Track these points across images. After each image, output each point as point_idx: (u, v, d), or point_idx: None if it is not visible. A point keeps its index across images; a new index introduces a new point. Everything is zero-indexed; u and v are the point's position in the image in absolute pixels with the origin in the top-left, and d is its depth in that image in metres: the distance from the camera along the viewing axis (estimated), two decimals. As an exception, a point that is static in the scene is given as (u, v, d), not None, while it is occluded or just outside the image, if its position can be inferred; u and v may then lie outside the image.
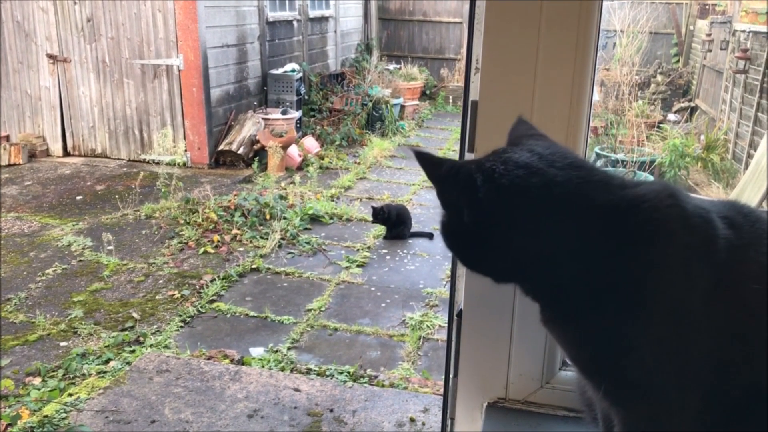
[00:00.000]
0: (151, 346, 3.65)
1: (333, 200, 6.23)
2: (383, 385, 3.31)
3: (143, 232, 5.33)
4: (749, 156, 6.10)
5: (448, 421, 1.09)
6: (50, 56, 7.29)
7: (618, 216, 0.75)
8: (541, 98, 0.93)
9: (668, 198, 0.76)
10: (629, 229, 0.74)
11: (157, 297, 4.27)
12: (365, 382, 3.34)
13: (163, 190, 5.83)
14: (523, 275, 0.80)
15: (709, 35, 8.57)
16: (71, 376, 3.32)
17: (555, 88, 0.92)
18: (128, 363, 3.44)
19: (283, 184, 6.56)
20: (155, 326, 3.89)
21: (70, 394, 3.13)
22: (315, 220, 5.71)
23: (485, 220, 0.76)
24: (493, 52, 0.92)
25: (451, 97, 11.40)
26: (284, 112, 7.78)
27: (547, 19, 0.91)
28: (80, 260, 4.76)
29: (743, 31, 7.05)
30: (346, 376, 3.38)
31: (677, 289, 0.74)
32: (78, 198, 6.12)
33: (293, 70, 8.33)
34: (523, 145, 0.80)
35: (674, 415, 0.77)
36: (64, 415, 2.95)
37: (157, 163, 6.98)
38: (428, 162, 0.79)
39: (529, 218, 0.75)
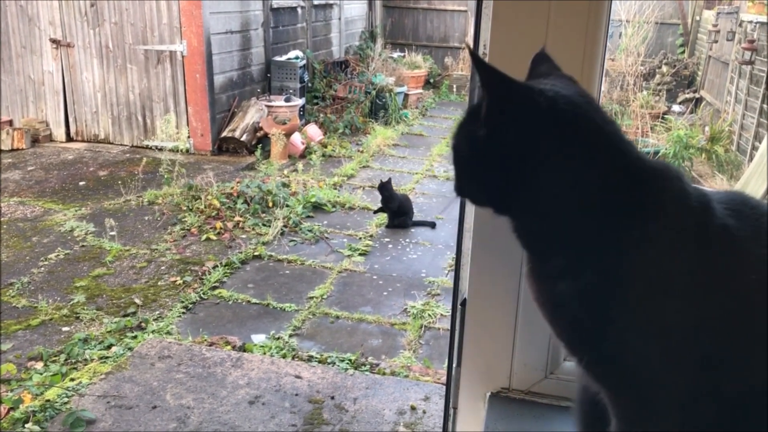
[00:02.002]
0: (153, 332, 3.65)
1: (335, 188, 6.22)
2: (384, 373, 3.31)
3: (146, 218, 5.33)
4: (754, 148, 6.07)
5: (451, 411, 1.09)
6: (53, 41, 7.27)
7: (631, 183, 0.75)
8: (549, 85, 0.92)
9: (677, 180, 0.77)
10: (636, 198, 0.75)
11: (159, 283, 4.27)
12: (366, 370, 3.34)
13: (165, 176, 5.82)
14: (527, 208, 0.79)
15: (715, 26, 8.51)
16: (73, 361, 3.33)
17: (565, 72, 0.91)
18: (130, 348, 3.45)
19: (285, 172, 6.55)
20: (157, 312, 3.89)
21: (72, 379, 3.14)
22: (317, 208, 5.71)
23: (523, 142, 0.75)
24: (501, 39, 0.91)
25: (455, 85, 11.35)
26: (287, 100, 7.75)
27: (557, 5, 0.89)
28: (83, 245, 4.77)
29: (750, 22, 7.00)
30: (348, 363, 3.38)
31: (664, 268, 0.74)
32: (81, 183, 6.11)
33: (297, 57, 8.30)
34: (559, 82, 0.79)
35: (661, 404, 0.75)
36: (65, 399, 2.96)
37: (160, 149, 6.97)
38: (490, 68, 0.75)
39: (561, 151, 0.75)
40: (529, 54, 0.84)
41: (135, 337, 3.59)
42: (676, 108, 8.70)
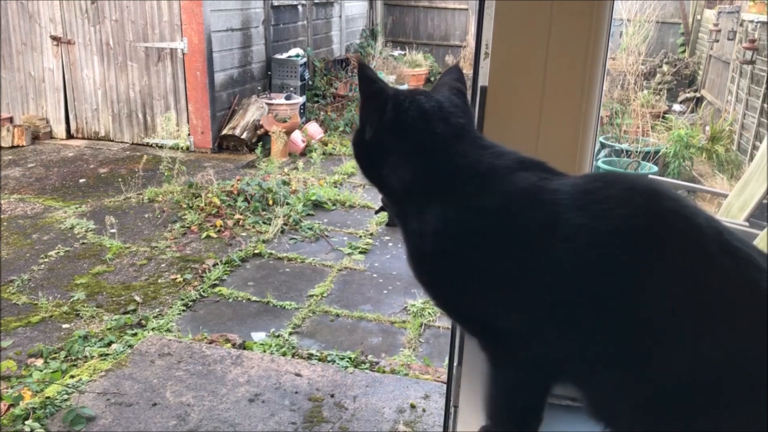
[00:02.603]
0: (153, 329, 3.65)
1: (336, 186, 6.22)
2: (384, 372, 3.32)
3: (146, 215, 5.33)
4: (754, 147, 6.07)
5: (452, 409, 1.09)
6: (54, 38, 7.26)
7: (471, 175, 0.89)
8: (552, 84, 0.92)
9: (518, 175, 0.88)
10: (471, 187, 0.88)
11: (159, 281, 4.27)
12: (366, 368, 3.34)
13: (166, 173, 5.82)
14: (389, 181, 0.96)
15: (716, 25, 8.51)
16: (73, 358, 3.33)
17: (567, 74, 0.91)
18: (130, 346, 3.45)
19: (286, 170, 6.55)
20: (157, 310, 3.90)
21: (72, 376, 3.14)
22: (318, 206, 5.71)
23: (380, 138, 0.94)
24: (503, 37, 0.91)
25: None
26: (288, 98, 7.75)
27: (559, 5, 0.89)
28: (83, 243, 4.77)
29: (751, 21, 6.99)
30: (348, 361, 3.39)
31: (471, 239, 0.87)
32: (81, 181, 6.12)
33: (297, 55, 8.29)
34: (438, 94, 0.96)
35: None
36: (65, 396, 2.96)
37: (161, 147, 6.97)
38: (367, 77, 0.96)
39: (397, 148, 0.93)
40: (532, 54, 0.84)
41: (135, 334, 3.60)
42: (676, 107, 8.70)
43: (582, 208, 0.82)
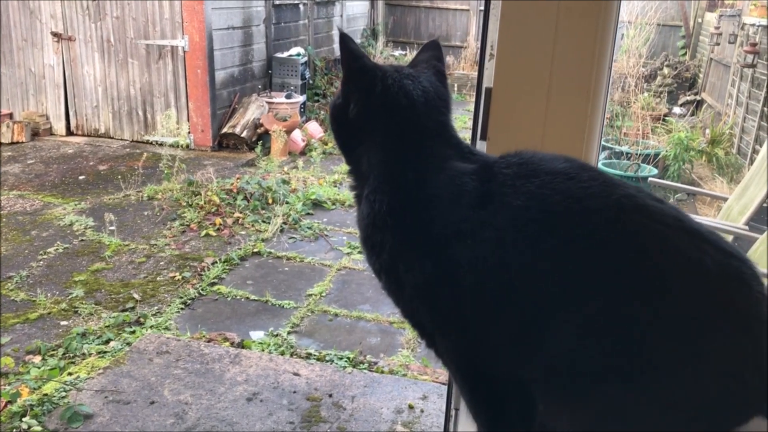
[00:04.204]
0: (151, 327, 3.65)
1: (336, 186, 6.21)
2: (383, 372, 3.31)
3: (145, 213, 5.32)
4: (755, 151, 6.07)
5: (453, 412, 1.09)
6: (55, 34, 7.25)
7: (432, 170, 0.92)
8: (558, 86, 0.91)
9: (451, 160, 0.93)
10: (425, 181, 0.91)
11: (158, 278, 4.26)
12: (365, 368, 3.34)
13: (165, 171, 5.81)
14: (360, 161, 0.99)
15: (717, 28, 8.50)
16: (71, 355, 3.32)
17: (573, 76, 0.91)
18: (128, 344, 3.44)
19: (285, 169, 6.54)
20: (156, 307, 3.89)
21: (70, 374, 3.13)
22: (317, 205, 5.70)
23: (365, 119, 0.96)
24: (509, 38, 0.91)
25: (456, 84, 11.33)
26: (288, 96, 7.74)
27: (566, 4, 0.89)
28: (82, 240, 4.76)
29: (752, 25, 6.99)
30: (346, 361, 3.38)
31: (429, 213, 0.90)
32: (81, 178, 6.11)
33: (298, 54, 8.29)
34: (421, 74, 0.98)
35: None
36: (63, 393, 2.95)
37: (161, 145, 6.96)
38: (352, 50, 0.96)
39: (381, 127, 0.95)
40: (538, 55, 0.84)
41: (133, 332, 3.59)
42: (677, 110, 8.70)
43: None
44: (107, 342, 3.47)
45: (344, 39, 0.96)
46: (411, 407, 3.01)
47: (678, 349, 0.78)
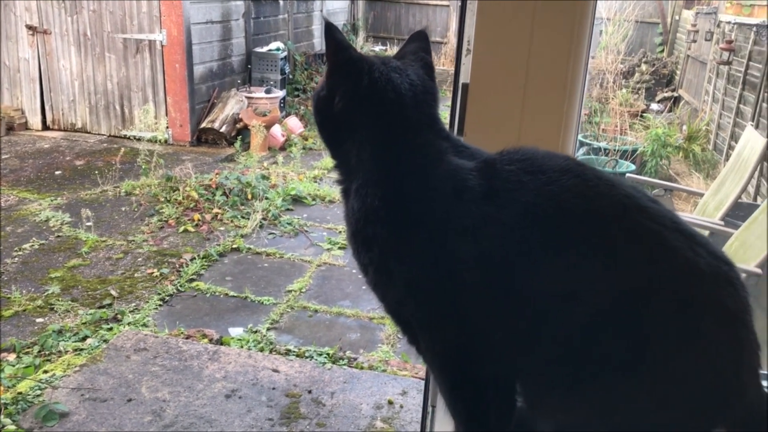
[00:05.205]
0: (129, 324, 3.61)
1: (316, 181, 6.19)
2: (362, 368, 3.31)
3: (123, 208, 5.27)
4: (730, 147, 6.15)
5: (429, 409, 1.09)
6: (30, 27, 7.14)
7: (418, 156, 0.90)
8: (534, 81, 0.91)
9: (445, 157, 0.91)
10: (412, 166, 0.90)
11: (135, 275, 4.22)
12: (344, 364, 3.33)
13: (143, 166, 5.76)
14: (348, 155, 0.96)
15: (694, 25, 8.59)
16: (47, 352, 3.28)
17: (550, 72, 0.91)
18: (105, 341, 3.41)
19: (265, 164, 6.51)
20: (133, 304, 3.85)
21: (46, 371, 3.09)
22: (297, 200, 5.68)
23: (350, 113, 0.93)
24: (485, 34, 0.90)
25: (437, 80, 11.33)
26: (268, 91, 7.70)
27: (543, 2, 0.89)
28: (58, 236, 4.70)
29: (728, 23, 7.07)
30: (326, 357, 3.38)
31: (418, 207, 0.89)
32: (57, 173, 6.03)
33: (278, 49, 8.24)
34: (408, 67, 0.97)
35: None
36: (38, 392, 2.92)
37: (138, 140, 6.89)
38: (338, 41, 0.94)
39: (368, 122, 0.93)
40: (514, 51, 0.84)
41: (111, 329, 3.55)
42: (654, 106, 8.78)
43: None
44: (84, 339, 3.43)
45: (330, 29, 0.93)
46: (390, 403, 3.01)
47: (673, 346, 0.80)
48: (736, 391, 0.82)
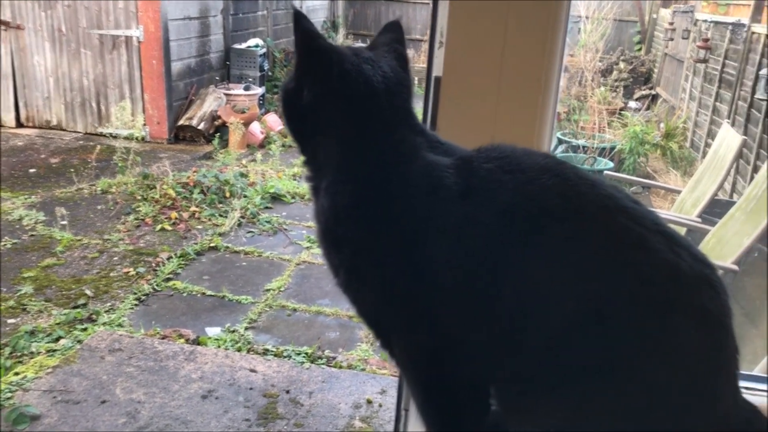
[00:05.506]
0: (104, 324, 3.55)
1: (295, 179, 6.15)
2: (341, 367, 3.28)
3: (99, 207, 5.19)
4: (707, 145, 6.20)
5: (402, 413, 1.06)
6: (2, 22, 7.01)
7: (391, 152, 0.87)
8: (509, 76, 0.89)
9: (419, 152, 0.88)
10: (396, 174, 0.86)
11: (111, 274, 4.16)
12: (323, 363, 3.31)
13: (120, 164, 5.68)
14: (317, 150, 0.93)
15: (671, 24, 8.66)
16: (18, 354, 3.21)
17: (524, 65, 0.89)
18: (79, 341, 3.35)
19: (244, 162, 6.45)
20: (109, 304, 3.79)
21: (17, 373, 3.03)
22: (276, 198, 5.63)
23: (320, 106, 0.89)
24: (458, 26, 0.88)
25: (416, 78, 11.28)
26: (247, 88, 7.64)
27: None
28: (32, 235, 4.62)
29: (705, 21, 7.14)
30: (304, 357, 3.35)
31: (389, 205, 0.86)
32: (31, 171, 5.93)
33: (257, 46, 8.18)
34: (381, 58, 0.92)
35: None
36: (9, 395, 2.85)
37: (115, 137, 6.78)
38: (307, 30, 0.89)
39: (343, 125, 0.89)
40: (488, 43, 0.82)
41: (85, 329, 3.49)
42: (632, 104, 8.84)
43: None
44: (57, 340, 3.37)
45: (298, 17, 0.89)
46: (369, 402, 2.99)
47: (653, 350, 0.78)
48: (716, 395, 0.81)
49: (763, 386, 1.15)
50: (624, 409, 0.78)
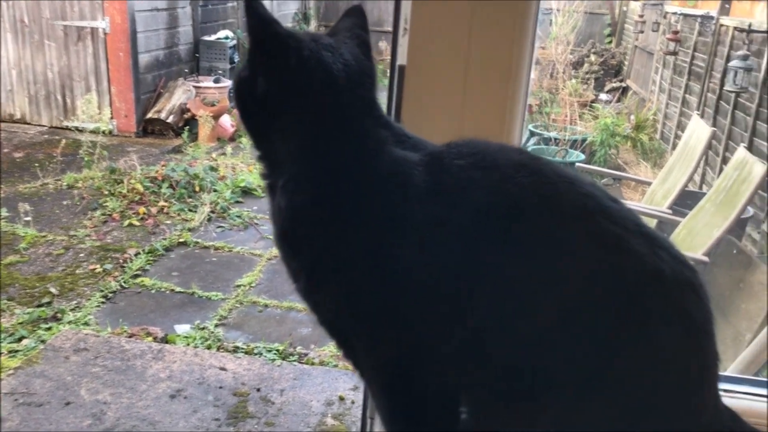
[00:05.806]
0: (69, 323, 3.47)
1: (266, 173, 6.07)
2: (313, 363, 3.24)
3: (64, 202, 5.07)
4: (677, 137, 6.25)
5: (368, 421, 1.02)
6: (-38, 13, 6.81)
7: (355, 147, 0.81)
8: (476, 64, 0.86)
9: (385, 147, 0.82)
10: (350, 159, 0.81)
11: (77, 271, 4.06)
12: (295, 360, 3.26)
13: (86, 158, 5.56)
14: (273, 145, 0.87)
15: (641, 16, 8.72)
16: (-21, 355, 3.13)
17: (492, 54, 0.85)
18: (43, 341, 3.26)
19: (214, 155, 6.35)
20: (74, 302, 3.70)
21: (-22, 375, 2.94)
22: (247, 193, 5.56)
23: (275, 96, 0.83)
24: (423, 11, 0.84)
25: (388, 70, 11.27)
26: (217, 81, 7.52)
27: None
28: (-7, 232, 4.50)
29: (674, 14, 7.19)
30: (275, 353, 3.30)
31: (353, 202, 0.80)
32: (-7, 166, 5.78)
33: (227, 37, 8.06)
34: (342, 45, 0.86)
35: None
36: (-31, 397, 2.77)
37: (81, 131, 6.63)
38: (260, 15, 0.81)
39: (300, 117, 0.82)
40: (454, 30, 0.78)
41: (49, 328, 3.40)
42: (603, 96, 8.88)
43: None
44: (20, 340, 3.28)
45: (250, 1, 0.81)
46: (342, 399, 2.96)
47: (634, 356, 0.75)
48: (699, 402, 0.79)
49: (764, 391, 1.14)
50: (604, 418, 0.75)
